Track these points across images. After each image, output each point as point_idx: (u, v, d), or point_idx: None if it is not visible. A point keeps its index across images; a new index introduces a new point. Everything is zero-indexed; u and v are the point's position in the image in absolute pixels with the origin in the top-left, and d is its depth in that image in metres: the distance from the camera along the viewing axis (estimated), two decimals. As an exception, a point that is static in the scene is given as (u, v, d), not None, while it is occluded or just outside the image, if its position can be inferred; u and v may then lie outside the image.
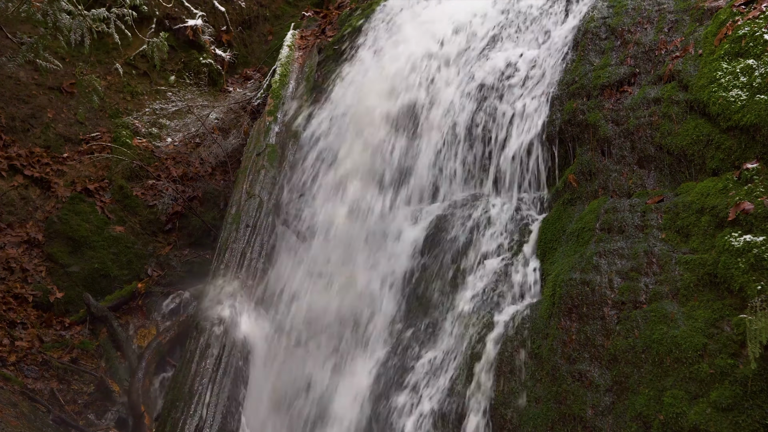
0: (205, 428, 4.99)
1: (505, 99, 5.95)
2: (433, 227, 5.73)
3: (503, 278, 5.13)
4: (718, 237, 4.17)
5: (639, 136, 4.98)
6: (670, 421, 3.86)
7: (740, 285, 3.92)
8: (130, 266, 7.37)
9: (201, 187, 7.96)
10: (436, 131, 6.21)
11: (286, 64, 7.78)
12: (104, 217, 7.52)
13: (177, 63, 9.25)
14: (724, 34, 4.86)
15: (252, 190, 6.46)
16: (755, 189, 4.18)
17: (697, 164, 4.68)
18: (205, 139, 8.43)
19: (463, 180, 5.95)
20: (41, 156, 7.73)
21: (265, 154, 6.80)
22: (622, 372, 4.14)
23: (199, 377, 5.22)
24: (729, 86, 4.59)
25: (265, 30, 10.26)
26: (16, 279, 6.90)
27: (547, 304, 4.61)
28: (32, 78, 8.20)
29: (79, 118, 8.22)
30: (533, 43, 6.25)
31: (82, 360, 6.58)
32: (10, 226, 7.21)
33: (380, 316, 5.63)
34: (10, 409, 5.58)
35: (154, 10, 9.06)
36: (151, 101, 8.83)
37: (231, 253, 6.01)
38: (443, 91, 6.45)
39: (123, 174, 7.88)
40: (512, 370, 4.52)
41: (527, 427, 4.30)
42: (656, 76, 5.16)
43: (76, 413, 6.15)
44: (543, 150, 5.53)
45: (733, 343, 3.85)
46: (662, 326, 4.08)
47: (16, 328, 6.55)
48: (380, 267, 5.84)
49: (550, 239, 5.06)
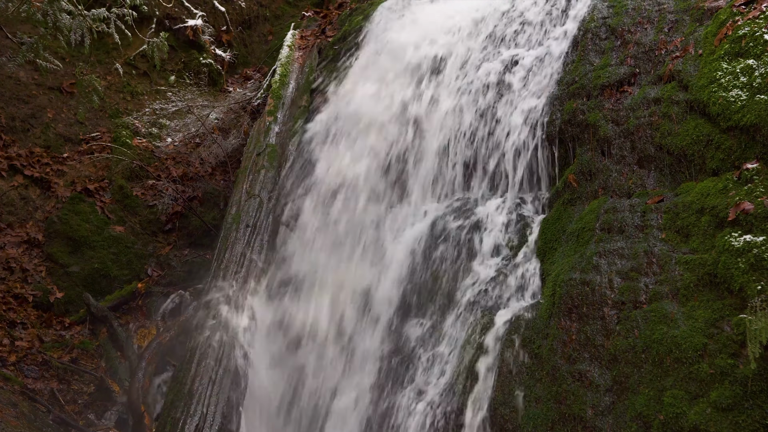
0: (205, 428, 4.99)
1: (505, 99, 5.95)
2: (432, 227, 5.73)
3: (503, 278, 5.13)
4: (718, 237, 4.17)
5: (639, 136, 4.98)
6: (670, 421, 3.86)
7: (740, 285, 3.92)
8: (130, 266, 7.37)
9: (201, 187, 7.96)
10: (436, 131, 6.22)
11: (286, 64, 7.79)
12: (104, 217, 7.52)
13: (177, 63, 9.25)
14: (724, 34, 4.86)
15: (252, 190, 6.46)
16: (755, 189, 4.18)
17: (697, 164, 4.68)
18: (205, 139, 8.43)
19: (463, 180, 5.95)
20: (41, 156, 7.73)
21: (265, 154, 6.80)
22: (622, 372, 4.14)
23: (199, 377, 5.22)
24: (729, 86, 4.59)
25: (265, 30, 10.26)
26: (16, 279, 6.90)
27: (547, 304, 4.61)
28: (32, 78, 8.20)
29: (79, 118, 8.22)
30: (533, 43, 6.25)
31: (82, 360, 6.58)
32: (10, 226, 7.21)
33: (380, 316, 5.63)
34: (10, 409, 5.58)
35: (154, 10, 9.07)
36: (151, 101, 8.83)
37: (231, 253, 6.02)
38: (443, 90, 6.45)
39: (123, 174, 7.88)
40: (512, 370, 4.52)
41: (527, 427, 4.30)
42: (656, 76, 5.16)
43: (76, 413, 6.15)
44: (543, 150, 5.53)
45: (733, 343, 3.85)
46: (662, 326, 4.08)
47: (16, 328, 6.55)
48: (379, 267, 5.83)
49: (550, 239, 5.06)
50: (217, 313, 5.60)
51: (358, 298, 5.81)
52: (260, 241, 6.14)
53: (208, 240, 7.55)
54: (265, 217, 6.32)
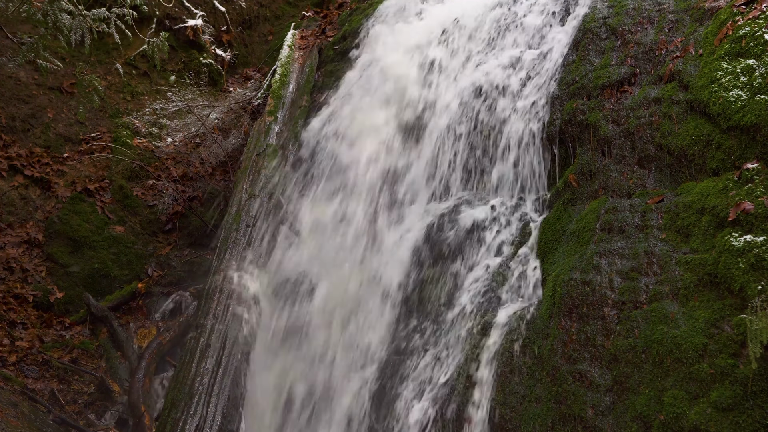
0: (205, 428, 4.99)
1: (506, 99, 5.95)
2: (433, 227, 5.73)
3: (503, 278, 5.13)
4: (718, 237, 4.16)
5: (639, 136, 4.98)
6: (670, 421, 3.86)
7: (740, 285, 3.91)
8: (131, 266, 7.37)
9: (201, 187, 7.96)
10: (436, 132, 6.21)
11: (286, 64, 7.78)
12: (104, 217, 7.52)
13: (177, 63, 9.26)
14: (724, 34, 4.86)
15: (252, 190, 6.46)
16: (755, 189, 4.17)
17: (697, 164, 4.67)
18: (206, 139, 8.43)
19: (463, 180, 5.95)
20: (41, 156, 7.73)
21: (266, 154, 6.80)
22: (623, 372, 4.13)
23: (200, 377, 5.22)
24: (729, 86, 4.59)
25: (266, 30, 10.26)
26: (17, 279, 6.90)
27: (548, 304, 4.61)
28: (32, 78, 8.20)
29: (80, 118, 8.22)
30: (533, 43, 6.25)
31: (82, 360, 6.58)
32: (10, 226, 7.21)
33: (379, 316, 5.63)
34: (11, 409, 5.58)
35: (154, 10, 9.07)
36: (152, 101, 8.83)
37: (231, 253, 6.02)
38: (443, 92, 6.45)
39: (123, 174, 7.88)
40: (512, 369, 4.52)
41: (527, 427, 4.30)
42: (656, 76, 5.16)
43: (77, 413, 6.15)
44: (543, 150, 5.53)
45: (734, 343, 3.85)
46: (662, 326, 4.08)
47: (17, 328, 6.55)
48: (379, 267, 5.83)
49: (550, 239, 5.06)
50: (217, 313, 5.59)
51: (356, 296, 5.81)
52: (261, 241, 6.14)
53: (209, 240, 7.55)
54: (266, 217, 6.32)
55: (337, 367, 5.64)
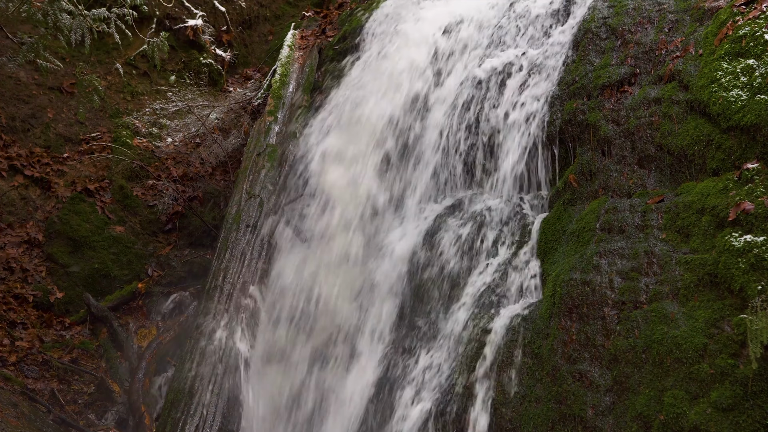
0: (205, 428, 4.99)
1: (506, 99, 5.95)
2: (432, 227, 5.73)
3: (503, 278, 5.13)
4: (718, 237, 4.16)
5: (639, 136, 4.97)
6: (670, 422, 3.86)
7: (740, 285, 3.91)
8: (131, 266, 7.37)
9: (201, 187, 7.96)
10: (435, 131, 6.21)
11: (286, 64, 7.78)
12: (104, 217, 7.52)
13: (177, 63, 9.26)
14: (724, 34, 4.86)
15: (252, 190, 6.46)
16: (756, 189, 4.17)
17: (697, 164, 4.67)
18: (206, 139, 8.43)
19: (463, 180, 5.95)
20: (41, 156, 7.73)
21: (266, 154, 6.80)
22: (623, 372, 4.13)
23: (199, 377, 5.22)
24: (729, 86, 4.59)
25: (266, 30, 10.26)
26: (17, 279, 6.90)
27: (548, 304, 4.61)
28: (32, 78, 8.20)
29: (80, 118, 8.22)
30: (533, 43, 6.25)
31: (83, 360, 6.58)
32: (10, 226, 7.21)
33: (379, 316, 5.63)
34: (11, 409, 5.58)
35: (154, 10, 9.07)
36: (152, 101, 8.83)
37: (231, 253, 6.01)
38: (443, 92, 6.45)
39: (123, 174, 7.88)
40: (512, 369, 4.52)
41: (527, 427, 4.30)
42: (657, 76, 5.16)
43: (77, 413, 6.15)
44: (543, 150, 5.53)
45: (734, 343, 3.85)
46: (662, 326, 4.08)
47: (17, 328, 6.55)
48: (378, 267, 5.83)
49: (550, 239, 5.06)
50: (218, 313, 5.60)
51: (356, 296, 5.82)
52: (260, 241, 6.14)
53: (209, 240, 7.55)
54: (266, 217, 6.32)
55: (339, 363, 5.64)
